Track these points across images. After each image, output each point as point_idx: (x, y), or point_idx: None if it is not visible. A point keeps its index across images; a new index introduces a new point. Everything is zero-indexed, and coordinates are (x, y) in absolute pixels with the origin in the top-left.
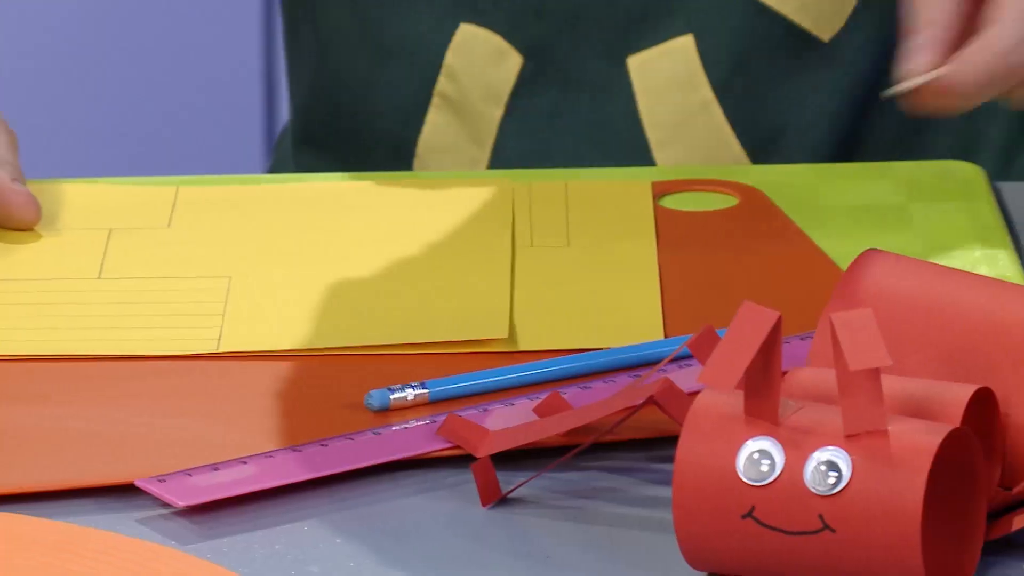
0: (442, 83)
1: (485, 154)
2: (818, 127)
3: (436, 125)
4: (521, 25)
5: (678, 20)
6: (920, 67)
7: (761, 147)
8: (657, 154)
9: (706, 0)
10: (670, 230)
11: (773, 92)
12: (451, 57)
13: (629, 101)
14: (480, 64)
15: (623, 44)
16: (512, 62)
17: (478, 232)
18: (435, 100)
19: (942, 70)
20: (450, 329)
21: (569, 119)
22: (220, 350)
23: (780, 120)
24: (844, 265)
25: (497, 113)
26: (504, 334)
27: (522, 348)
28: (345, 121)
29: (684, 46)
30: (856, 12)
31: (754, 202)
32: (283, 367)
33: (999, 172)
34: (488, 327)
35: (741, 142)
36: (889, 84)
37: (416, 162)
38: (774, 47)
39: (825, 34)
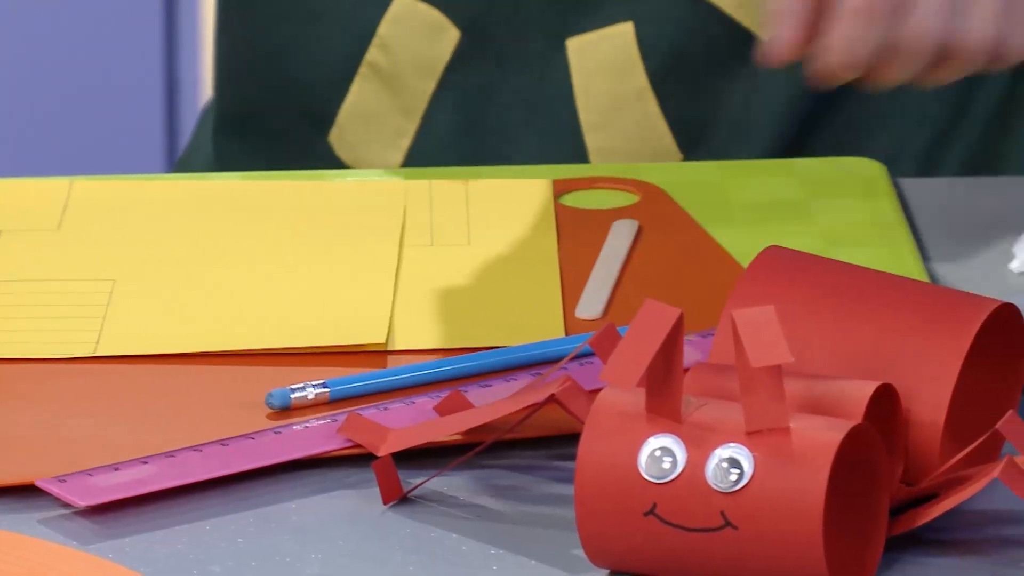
0: (372, 53)
1: (413, 125)
2: (755, 124)
3: (361, 94)
4: (460, 0)
5: (619, 7)
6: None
7: (692, 140)
8: (588, 137)
9: None
10: (571, 228)
11: (709, 87)
12: (385, 28)
13: (565, 83)
14: (415, 37)
15: (563, 25)
16: (449, 36)
17: (367, 235)
18: (362, 70)
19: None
20: (328, 333)
21: (503, 96)
22: (97, 353)
23: (714, 115)
24: (746, 262)
25: (430, 86)
26: (382, 339)
27: (422, 347)
28: (267, 88)
29: (623, 33)
30: None
31: (654, 200)
32: (185, 368)
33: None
34: (367, 332)
35: (673, 132)
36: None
37: (334, 131)
38: (713, 42)
39: (763, 31)
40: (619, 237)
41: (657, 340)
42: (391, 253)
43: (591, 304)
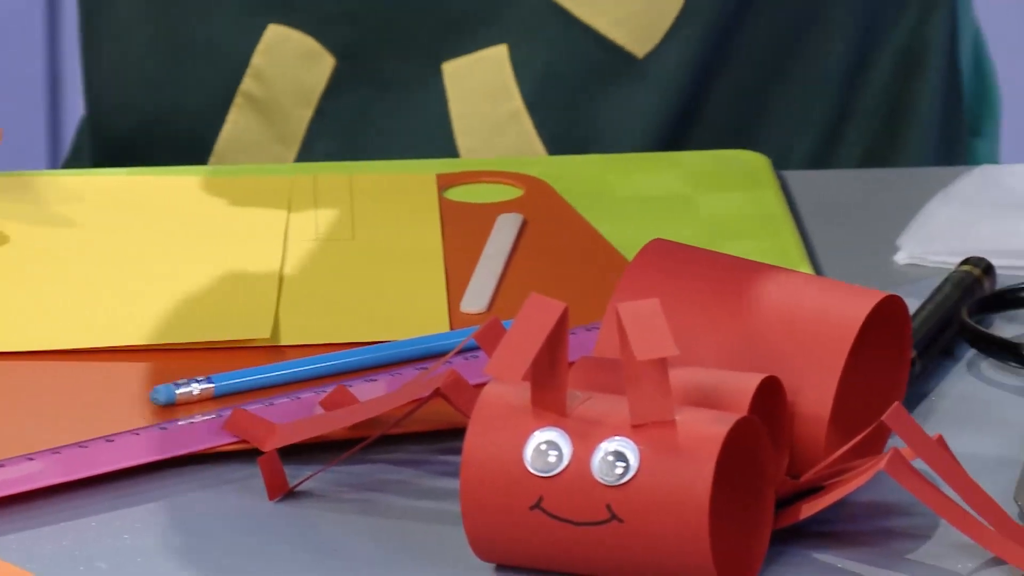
0: (247, 83)
1: (291, 154)
2: (631, 143)
3: (238, 124)
4: (334, 27)
5: (493, 29)
6: None
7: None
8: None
9: (521, 11)
10: (456, 222)
11: (584, 106)
12: (258, 58)
13: (442, 107)
14: (290, 65)
15: (439, 49)
16: (324, 64)
17: (252, 230)
18: (238, 100)
19: None
20: (213, 329)
21: (380, 122)
22: None
23: (591, 134)
24: (631, 255)
25: (306, 113)
26: (266, 334)
27: (308, 342)
28: (140, 117)
29: (498, 55)
30: (672, 29)
31: (539, 193)
32: (70, 364)
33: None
34: (251, 327)
35: (549, 154)
36: (706, 101)
37: (213, 160)
38: (587, 61)
39: (640, 51)
40: (504, 231)
41: (542, 334)
42: (276, 248)
43: (476, 298)
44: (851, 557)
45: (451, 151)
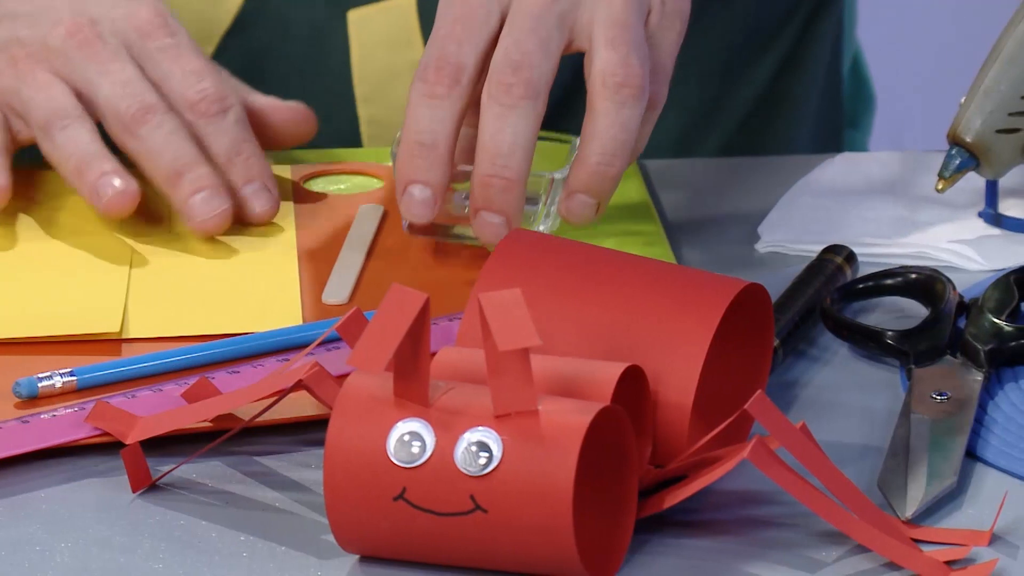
0: None
1: None
2: None
3: None
4: None
5: None
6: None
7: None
8: (361, 108)
9: None
10: (316, 214)
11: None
12: None
13: (343, 53)
14: (196, 2)
15: None
16: (231, 2)
17: (103, 224)
18: None
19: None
20: (63, 323)
21: (279, 64)
22: None
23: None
24: (491, 246)
25: (207, 51)
26: (115, 328)
27: (161, 334)
28: None
29: (404, 6)
30: None
31: None
32: None
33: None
34: (100, 320)
35: None
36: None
37: None
38: None
39: None
40: (364, 222)
41: (404, 325)
42: (127, 241)
43: (337, 289)
44: (716, 545)
45: (347, 97)
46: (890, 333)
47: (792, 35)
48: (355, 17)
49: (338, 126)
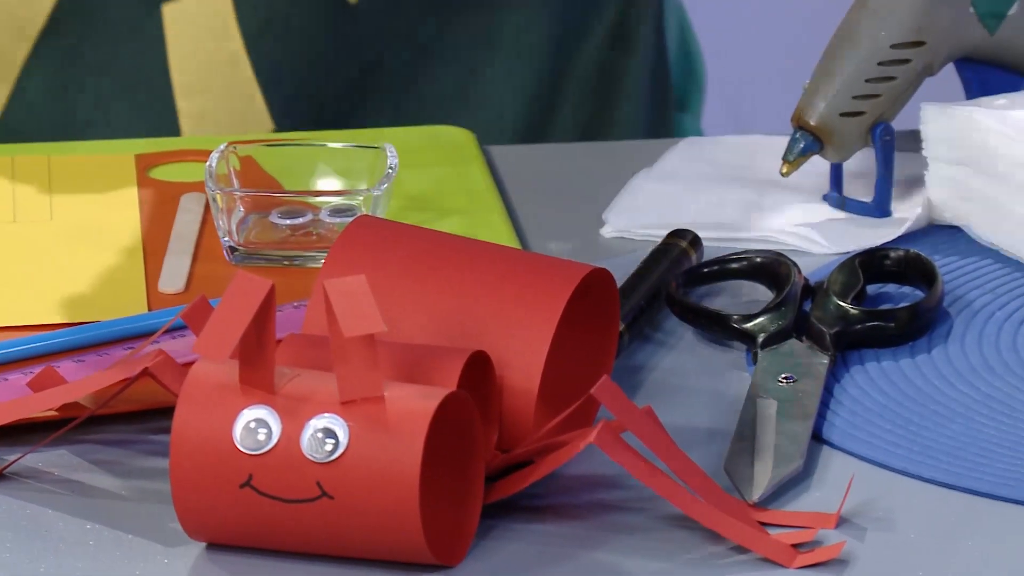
0: None
1: (5, 91)
2: (336, 92)
3: None
4: None
5: None
6: None
7: (285, 104)
8: (180, 102)
9: None
10: (158, 202)
11: (301, 51)
12: None
13: (160, 47)
14: (7, 3)
15: None
16: (44, 2)
17: None
18: None
19: None
20: None
21: (97, 60)
22: None
23: (304, 79)
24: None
25: (23, 50)
26: None
27: (5, 324)
28: None
29: None
30: None
31: (246, 170)
32: None
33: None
34: None
35: (266, 97)
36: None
37: None
38: (307, 6)
39: None
40: (189, 211)
41: (249, 312)
42: None
43: (172, 278)
44: (562, 530)
45: (166, 92)
46: (735, 317)
47: (614, 6)
48: (170, 11)
49: (158, 120)
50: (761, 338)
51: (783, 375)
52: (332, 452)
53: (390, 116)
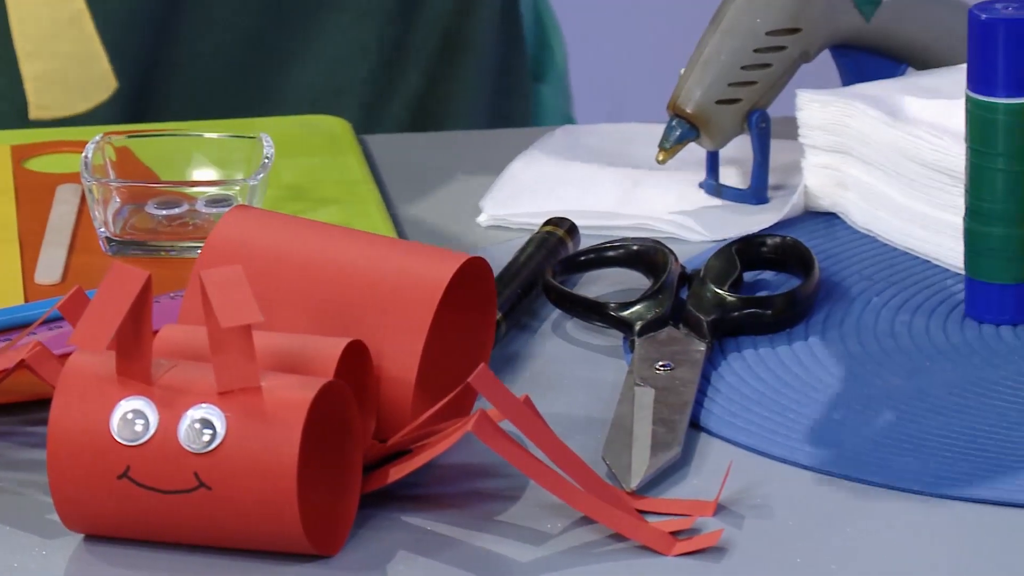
0: None
1: None
2: (205, 69)
3: None
4: None
5: None
6: None
7: (128, 63)
8: (25, 66)
9: None
10: (35, 193)
11: (151, 15)
12: None
13: (1, 13)
14: None
15: None
16: None
17: None
18: None
19: None
20: None
21: None
22: None
23: (155, 46)
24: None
25: None
26: None
27: None
28: None
29: None
30: None
31: (124, 161)
32: None
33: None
34: None
35: (110, 56)
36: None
37: None
38: None
39: None
40: (65, 202)
41: (126, 303)
42: None
43: (49, 269)
44: (440, 519)
45: (9, 57)
46: (612, 305)
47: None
48: None
49: (3, 86)
50: (638, 326)
51: (660, 363)
52: (209, 443)
53: (234, 72)
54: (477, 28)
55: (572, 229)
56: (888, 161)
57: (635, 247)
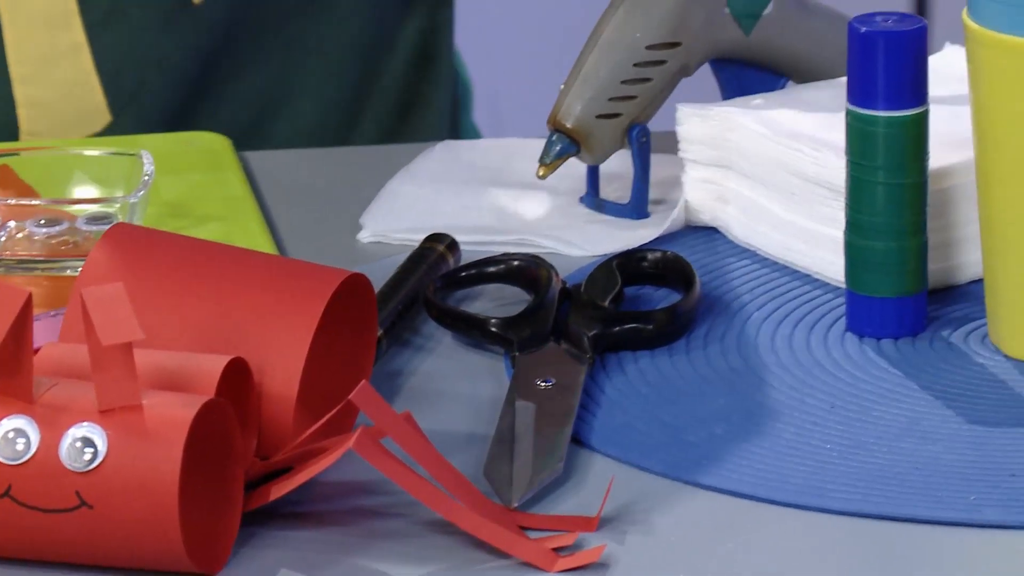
0: None
1: None
2: (176, 90)
3: None
4: None
5: None
6: None
7: (123, 99)
8: (18, 89)
9: None
10: None
11: (141, 46)
12: None
13: None
14: None
15: None
16: None
17: None
18: None
19: None
20: None
21: None
22: None
23: (142, 76)
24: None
25: None
26: None
27: None
28: None
29: None
30: None
31: (5, 179)
32: None
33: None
34: None
35: (105, 90)
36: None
37: None
38: (150, 2)
39: None
40: None
41: (6, 321)
42: None
43: None
44: (322, 537)
45: (3, 79)
46: (493, 321)
47: (416, 28)
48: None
49: None
50: (519, 341)
51: (542, 379)
52: (91, 461)
53: (227, 117)
54: (432, 74)
55: (453, 245)
56: (768, 175)
57: (516, 262)
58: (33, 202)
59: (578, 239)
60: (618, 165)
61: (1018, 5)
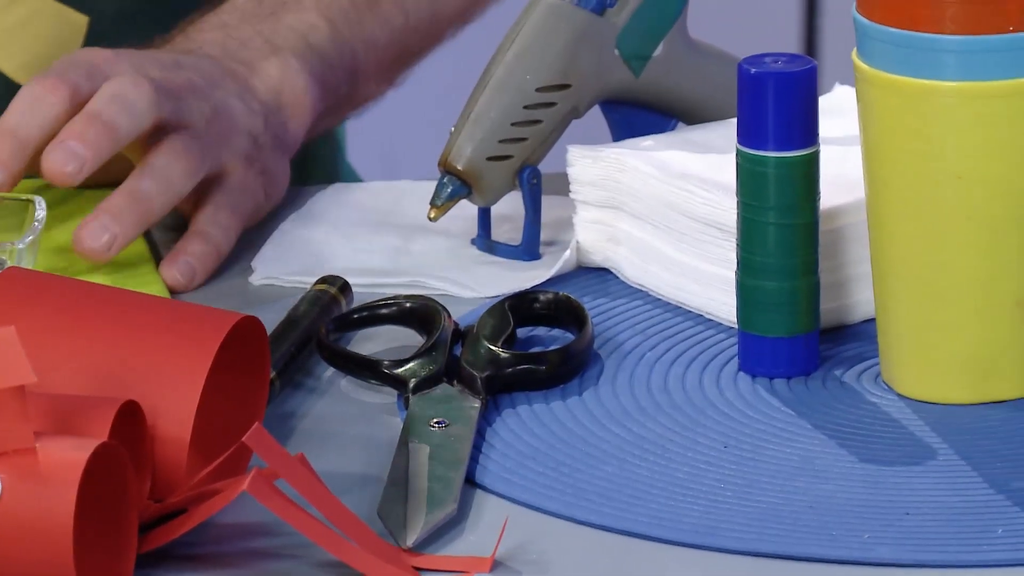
0: None
1: None
2: None
3: None
4: None
5: None
6: None
7: None
8: None
9: None
10: None
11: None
12: None
13: None
14: None
15: None
16: None
17: None
18: None
19: None
20: None
21: None
22: None
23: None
24: None
25: None
26: None
27: None
28: None
29: None
30: None
31: None
32: None
33: None
34: None
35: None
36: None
37: None
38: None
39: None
40: None
41: None
42: None
43: None
44: None
45: None
46: (386, 362)
47: None
48: None
49: None
50: (412, 383)
51: (435, 420)
52: None
53: None
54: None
55: (345, 287)
56: (659, 215)
57: (408, 304)
58: None
59: (470, 281)
60: (509, 207)
61: (906, 45)
